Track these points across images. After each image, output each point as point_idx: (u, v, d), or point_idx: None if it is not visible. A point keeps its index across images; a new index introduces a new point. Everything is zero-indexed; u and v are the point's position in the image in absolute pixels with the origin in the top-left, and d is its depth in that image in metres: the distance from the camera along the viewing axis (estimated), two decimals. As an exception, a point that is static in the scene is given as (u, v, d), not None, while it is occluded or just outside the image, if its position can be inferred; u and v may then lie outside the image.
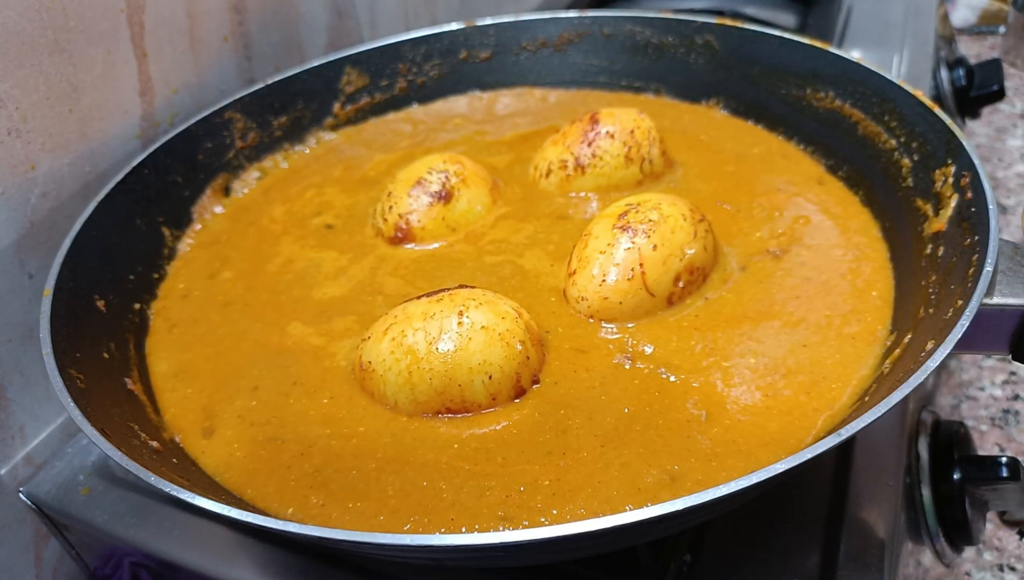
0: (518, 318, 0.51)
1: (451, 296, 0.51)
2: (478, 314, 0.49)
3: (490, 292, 0.52)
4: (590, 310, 0.55)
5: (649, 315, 0.55)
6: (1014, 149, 1.36)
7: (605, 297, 0.54)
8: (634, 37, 0.83)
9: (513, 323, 0.50)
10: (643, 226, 0.55)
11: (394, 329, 0.50)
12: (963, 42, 1.69)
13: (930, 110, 0.59)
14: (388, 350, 0.50)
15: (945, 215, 0.54)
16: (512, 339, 0.49)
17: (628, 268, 0.54)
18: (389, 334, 0.50)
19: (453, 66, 0.86)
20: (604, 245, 0.55)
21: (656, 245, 0.54)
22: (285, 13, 0.85)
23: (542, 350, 0.52)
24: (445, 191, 0.65)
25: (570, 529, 0.34)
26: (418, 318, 0.50)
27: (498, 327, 0.49)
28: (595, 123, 0.68)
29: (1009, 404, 0.93)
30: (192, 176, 0.71)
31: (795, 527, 0.51)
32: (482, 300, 0.50)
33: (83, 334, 0.53)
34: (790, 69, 0.73)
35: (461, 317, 0.49)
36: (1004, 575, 0.77)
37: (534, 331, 0.52)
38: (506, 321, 0.50)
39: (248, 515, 0.38)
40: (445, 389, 0.49)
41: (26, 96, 0.60)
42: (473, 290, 0.52)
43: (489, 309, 0.50)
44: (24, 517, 0.64)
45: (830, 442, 0.37)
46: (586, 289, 0.54)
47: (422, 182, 0.65)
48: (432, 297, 0.51)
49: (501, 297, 0.52)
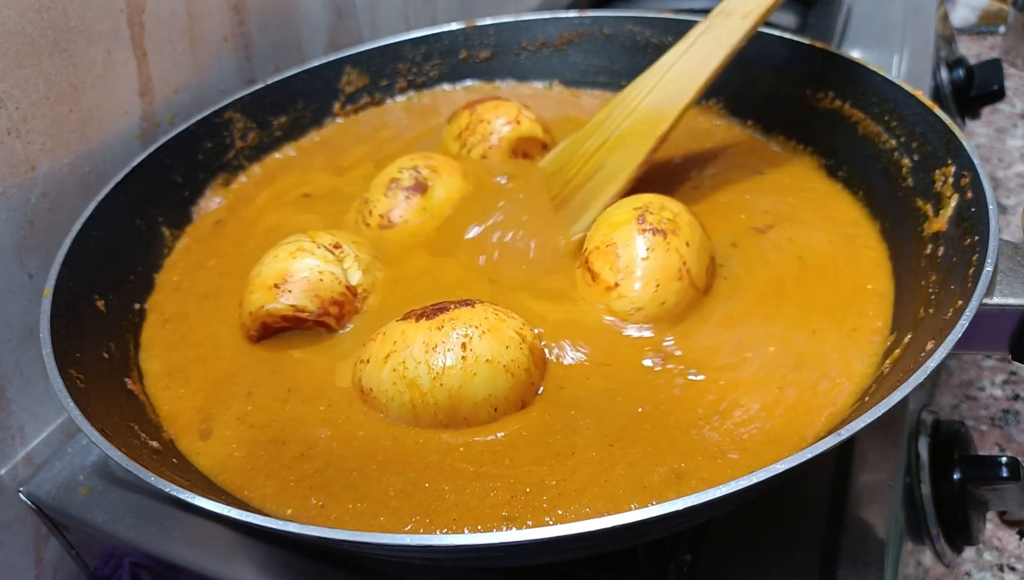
0: (522, 343, 0.49)
1: (452, 321, 0.48)
2: (482, 345, 0.47)
3: (491, 309, 0.50)
4: (646, 318, 0.54)
5: (691, 310, 0.55)
6: (1014, 149, 1.36)
7: (663, 301, 0.53)
8: (634, 37, 0.83)
9: (517, 351, 0.49)
10: (668, 225, 0.55)
11: (394, 358, 0.48)
12: (963, 42, 1.69)
13: (930, 110, 0.59)
14: (390, 381, 0.48)
15: (945, 215, 0.54)
16: (518, 369, 0.48)
17: (675, 269, 0.53)
18: (390, 363, 0.48)
19: (453, 66, 0.86)
20: (644, 251, 0.54)
21: (688, 241, 0.54)
22: (285, 13, 0.85)
23: (545, 364, 0.52)
24: (419, 184, 0.66)
25: (569, 529, 0.34)
26: (419, 349, 0.48)
27: (503, 359, 0.48)
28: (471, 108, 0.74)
29: (1009, 404, 0.93)
30: (192, 176, 0.71)
31: (795, 527, 0.51)
32: (485, 327, 0.48)
33: (83, 334, 0.53)
34: (790, 69, 0.73)
35: (465, 350, 0.47)
36: (1004, 575, 0.77)
37: (538, 351, 0.51)
38: (511, 350, 0.48)
39: (248, 515, 0.38)
40: (450, 419, 0.48)
41: (26, 96, 0.60)
42: (475, 311, 0.49)
43: (493, 338, 0.48)
44: (24, 517, 0.64)
45: (830, 442, 0.37)
46: (641, 298, 0.53)
47: (396, 180, 0.66)
48: (432, 320, 0.49)
49: (503, 314, 0.50)
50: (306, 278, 0.55)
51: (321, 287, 0.55)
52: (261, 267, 0.57)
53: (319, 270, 0.55)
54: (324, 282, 0.55)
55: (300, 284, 0.55)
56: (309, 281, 0.55)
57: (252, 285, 0.56)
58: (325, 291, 0.55)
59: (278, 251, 0.57)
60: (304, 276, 0.55)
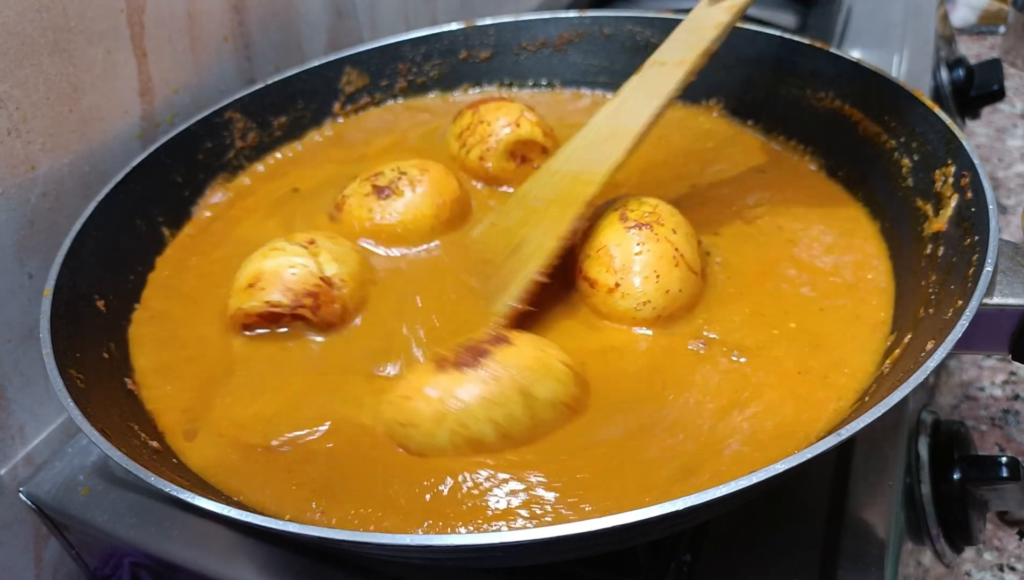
0: (571, 374, 0.49)
1: (502, 367, 0.46)
2: (543, 389, 0.47)
3: (530, 342, 0.49)
4: (656, 311, 0.54)
5: (699, 297, 0.56)
6: (1014, 149, 1.36)
7: (667, 290, 0.54)
8: (634, 37, 0.83)
9: (572, 384, 0.48)
10: (651, 218, 0.55)
11: (451, 420, 0.46)
12: (963, 42, 1.69)
13: (930, 110, 0.59)
14: (449, 443, 0.46)
15: (945, 215, 0.54)
16: (573, 400, 0.48)
17: (670, 256, 0.54)
18: (447, 425, 0.46)
19: (453, 66, 0.86)
20: (636, 246, 0.54)
21: (674, 229, 0.55)
22: (285, 13, 0.85)
23: (588, 384, 0.51)
24: (391, 189, 0.65)
25: (569, 529, 0.34)
26: (478, 406, 0.46)
27: (562, 396, 0.48)
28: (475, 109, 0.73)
29: (1009, 404, 0.93)
30: (192, 176, 0.71)
31: (795, 527, 0.51)
32: (538, 368, 0.47)
33: (83, 334, 0.53)
34: (790, 69, 0.73)
35: (526, 397, 0.46)
36: (1004, 575, 0.77)
37: (583, 375, 0.51)
38: (565, 384, 0.48)
39: (249, 515, 0.38)
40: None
41: (26, 96, 0.60)
42: (518, 350, 0.48)
43: (549, 378, 0.47)
44: (24, 517, 0.64)
45: (830, 442, 0.37)
46: (645, 293, 0.54)
47: (376, 186, 0.66)
48: (477, 371, 0.46)
49: (542, 345, 0.49)
50: (277, 274, 0.56)
51: (293, 281, 0.56)
52: (240, 272, 0.58)
53: (289, 265, 0.56)
54: (297, 275, 0.56)
55: (271, 280, 0.56)
56: (281, 277, 0.56)
57: (232, 289, 0.58)
58: (298, 284, 0.56)
59: (254, 254, 0.59)
60: (275, 273, 0.56)
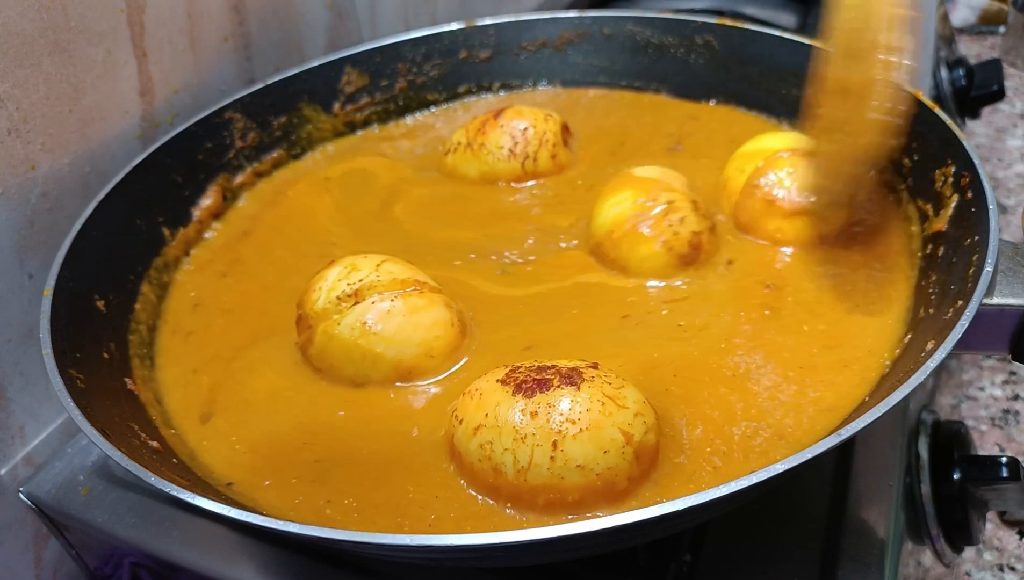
0: (626, 446, 0.42)
1: (549, 407, 0.42)
2: (575, 448, 0.41)
3: (601, 391, 0.43)
4: (687, 242, 0.58)
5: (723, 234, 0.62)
6: (1014, 149, 1.36)
7: (695, 230, 0.59)
8: (634, 37, 0.83)
9: (618, 457, 0.42)
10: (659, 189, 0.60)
11: (483, 434, 0.44)
12: (963, 42, 1.68)
13: (930, 110, 0.59)
14: (476, 455, 0.44)
15: (945, 215, 0.54)
16: (615, 476, 0.42)
17: (689, 204, 0.60)
18: (479, 438, 0.44)
19: (453, 66, 0.86)
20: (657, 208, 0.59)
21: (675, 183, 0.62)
22: (285, 13, 0.85)
23: (654, 460, 0.45)
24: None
25: (569, 529, 0.34)
26: (508, 435, 0.43)
27: (597, 467, 0.42)
28: (498, 115, 0.73)
29: (1009, 404, 0.93)
30: (192, 176, 0.71)
31: (795, 527, 0.51)
32: (585, 423, 0.42)
33: (83, 334, 0.53)
34: (790, 69, 0.73)
35: (555, 450, 0.42)
36: (1004, 575, 0.77)
37: (647, 450, 0.44)
38: (609, 455, 0.42)
39: (248, 515, 0.38)
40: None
41: (26, 96, 0.60)
42: (579, 393, 0.43)
43: (590, 439, 0.42)
44: (24, 517, 0.64)
45: (830, 442, 0.37)
46: (671, 239, 0.58)
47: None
48: (530, 399, 0.43)
49: (613, 402, 0.43)
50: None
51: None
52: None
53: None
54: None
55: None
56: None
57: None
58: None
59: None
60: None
